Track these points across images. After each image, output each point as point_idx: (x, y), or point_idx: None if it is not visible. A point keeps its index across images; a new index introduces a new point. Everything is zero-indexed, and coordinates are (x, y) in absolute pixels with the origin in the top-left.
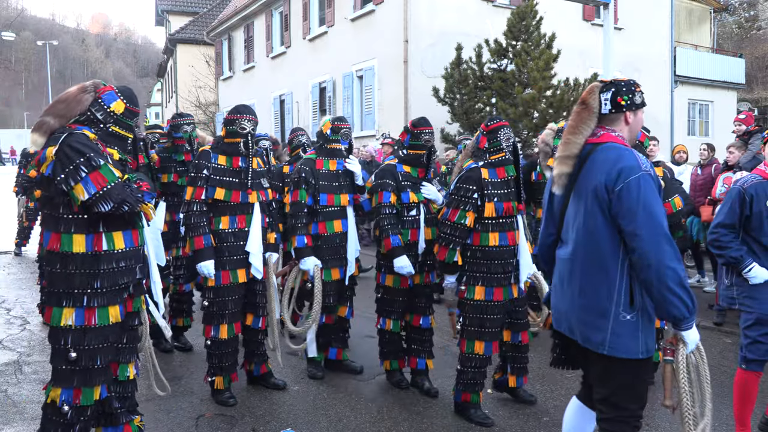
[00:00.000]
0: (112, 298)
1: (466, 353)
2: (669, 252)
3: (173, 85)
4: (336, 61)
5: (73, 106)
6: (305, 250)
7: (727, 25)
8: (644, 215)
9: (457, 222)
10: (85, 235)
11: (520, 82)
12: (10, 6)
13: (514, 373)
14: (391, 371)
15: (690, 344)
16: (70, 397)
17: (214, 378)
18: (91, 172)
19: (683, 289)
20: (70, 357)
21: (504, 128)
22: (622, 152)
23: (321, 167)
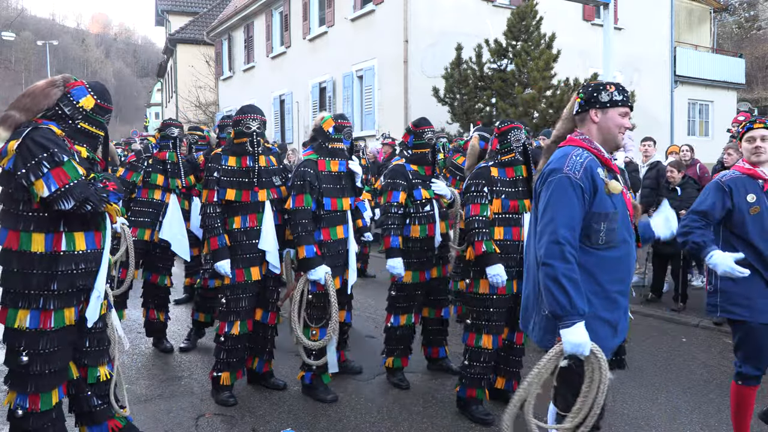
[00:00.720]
0: (68, 300)
1: (474, 347)
2: (552, 250)
3: (173, 85)
4: (336, 61)
5: (40, 100)
6: (315, 259)
7: (727, 25)
8: (545, 216)
9: (481, 214)
10: (45, 234)
11: (520, 82)
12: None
13: (503, 374)
14: (393, 369)
15: (565, 344)
16: (25, 401)
17: (220, 374)
18: (54, 168)
19: (557, 285)
20: (21, 361)
21: (515, 130)
22: (559, 154)
23: (323, 168)
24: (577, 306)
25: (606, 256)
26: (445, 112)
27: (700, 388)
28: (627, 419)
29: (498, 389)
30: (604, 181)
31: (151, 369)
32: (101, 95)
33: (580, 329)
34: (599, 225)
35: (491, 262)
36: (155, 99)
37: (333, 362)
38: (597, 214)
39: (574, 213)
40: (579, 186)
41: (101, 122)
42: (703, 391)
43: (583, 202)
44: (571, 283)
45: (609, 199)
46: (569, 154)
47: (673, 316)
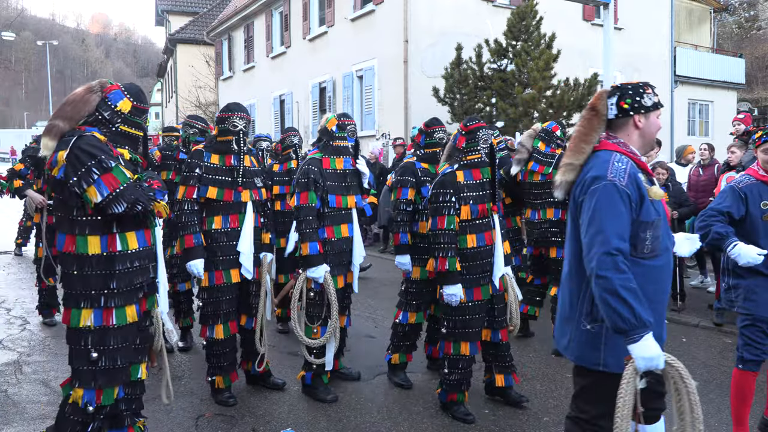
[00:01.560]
0: (128, 297)
1: (453, 355)
2: (605, 262)
3: (173, 85)
4: (336, 61)
5: (81, 107)
6: (317, 257)
7: (727, 25)
8: (592, 226)
9: (447, 228)
10: (100, 237)
11: (520, 82)
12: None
13: (500, 372)
14: (397, 367)
15: (637, 361)
16: (93, 397)
17: (214, 378)
18: (103, 174)
19: (617, 299)
20: (92, 357)
21: (483, 129)
22: (598, 161)
23: (328, 167)
24: (642, 317)
25: (651, 266)
26: (445, 112)
27: (700, 388)
28: None
29: (499, 387)
30: (647, 187)
31: (151, 369)
32: (137, 97)
33: (649, 341)
34: (645, 233)
35: (451, 281)
36: (155, 99)
37: (329, 360)
38: (644, 223)
39: (624, 222)
40: (626, 193)
41: (139, 123)
42: (703, 391)
43: (631, 210)
44: (631, 294)
45: (652, 206)
46: (610, 160)
47: (672, 316)
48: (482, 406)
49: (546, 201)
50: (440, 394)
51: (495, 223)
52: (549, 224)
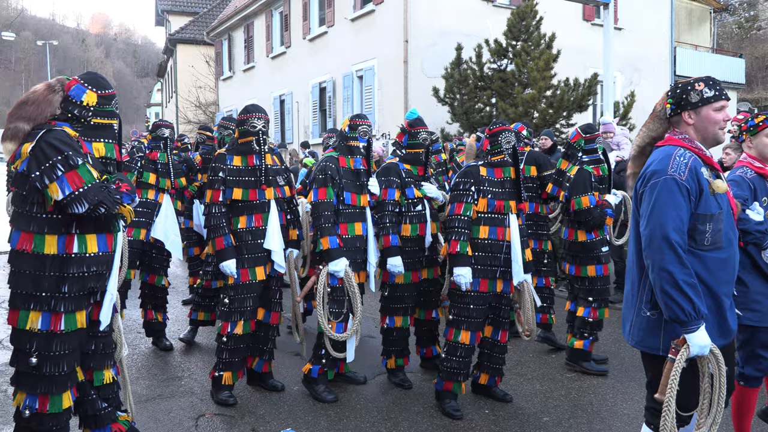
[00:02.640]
0: (79, 303)
1: (452, 342)
2: (668, 256)
3: (173, 85)
4: (336, 61)
5: (44, 108)
6: (338, 250)
7: (727, 25)
8: (651, 219)
9: (463, 214)
10: (57, 236)
11: (520, 82)
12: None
13: (487, 371)
14: (395, 370)
15: (693, 347)
16: (34, 402)
17: (222, 373)
18: (68, 171)
19: (679, 292)
20: (31, 362)
21: (505, 132)
22: (660, 155)
23: (344, 165)
24: (701, 310)
25: (712, 258)
26: (445, 112)
27: None
28: (627, 419)
29: (482, 385)
30: (708, 181)
31: (151, 369)
32: (98, 85)
33: (703, 332)
34: (705, 226)
35: (460, 263)
36: (155, 99)
37: (350, 352)
38: (702, 216)
39: (683, 215)
40: (685, 187)
41: (111, 111)
42: None
43: (689, 203)
44: (692, 289)
45: (714, 199)
46: (672, 155)
47: None
48: (482, 406)
49: None
50: (437, 382)
51: (511, 223)
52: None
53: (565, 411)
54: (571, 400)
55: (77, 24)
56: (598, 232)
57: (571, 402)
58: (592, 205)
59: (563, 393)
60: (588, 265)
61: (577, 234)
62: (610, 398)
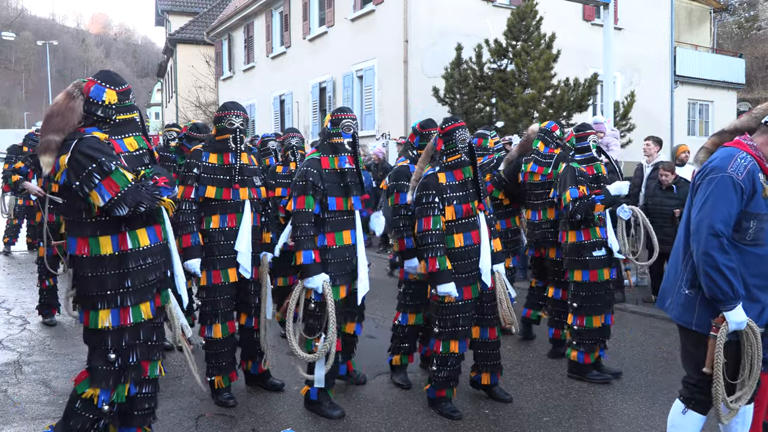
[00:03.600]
0: (143, 295)
1: (442, 354)
2: (712, 242)
3: (173, 85)
4: (336, 61)
5: (69, 117)
6: (313, 266)
7: (727, 25)
8: (704, 209)
9: (433, 228)
10: (110, 236)
11: (520, 82)
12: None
13: (486, 370)
14: (398, 367)
15: (731, 324)
16: (107, 395)
17: (213, 378)
18: (104, 178)
19: (719, 274)
20: (110, 358)
21: (459, 129)
22: (723, 154)
23: (327, 166)
24: (738, 291)
25: (751, 252)
26: (445, 112)
27: None
28: (627, 419)
29: (484, 385)
30: (763, 186)
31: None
32: (114, 82)
33: (740, 309)
34: (749, 223)
35: (443, 281)
36: (155, 99)
37: (320, 377)
38: (750, 214)
39: (732, 210)
40: (740, 186)
41: (131, 105)
42: None
43: (741, 201)
44: (731, 272)
45: (764, 201)
46: (734, 156)
47: None
48: (482, 406)
49: (546, 201)
50: (429, 390)
51: (481, 222)
52: (549, 224)
53: (565, 411)
54: (571, 400)
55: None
56: (589, 234)
57: (571, 402)
58: (573, 197)
59: (563, 393)
60: (575, 269)
61: (568, 235)
62: (610, 398)
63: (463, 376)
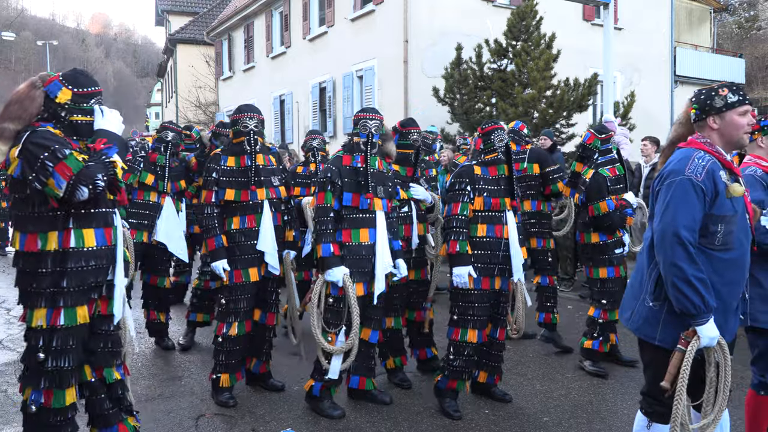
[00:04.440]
0: (79, 297)
1: (459, 341)
2: (678, 252)
3: (173, 85)
4: (336, 61)
5: (27, 105)
6: (332, 259)
7: (727, 25)
8: (665, 216)
9: (461, 213)
10: (57, 233)
11: (520, 82)
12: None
13: (486, 369)
14: (394, 369)
15: (703, 339)
16: (39, 397)
17: (219, 375)
18: (57, 164)
19: (689, 287)
20: (38, 358)
21: (498, 131)
22: (679, 156)
23: (348, 163)
24: (710, 304)
25: (721, 258)
26: (445, 112)
27: None
28: (627, 419)
29: (480, 383)
30: (725, 184)
31: (151, 369)
32: (75, 82)
33: (712, 324)
34: (716, 227)
35: (461, 263)
36: (155, 99)
37: (334, 369)
38: (716, 216)
39: (695, 214)
40: (701, 188)
41: (90, 108)
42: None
43: (704, 204)
44: (702, 284)
45: (729, 201)
46: (691, 157)
47: None
48: (482, 406)
49: (523, 194)
50: (440, 380)
51: (509, 220)
52: (527, 216)
53: (565, 411)
54: (571, 400)
55: (77, 24)
56: (611, 234)
57: (571, 402)
58: (611, 209)
59: (563, 393)
60: (600, 267)
61: (589, 236)
62: (610, 398)
63: None
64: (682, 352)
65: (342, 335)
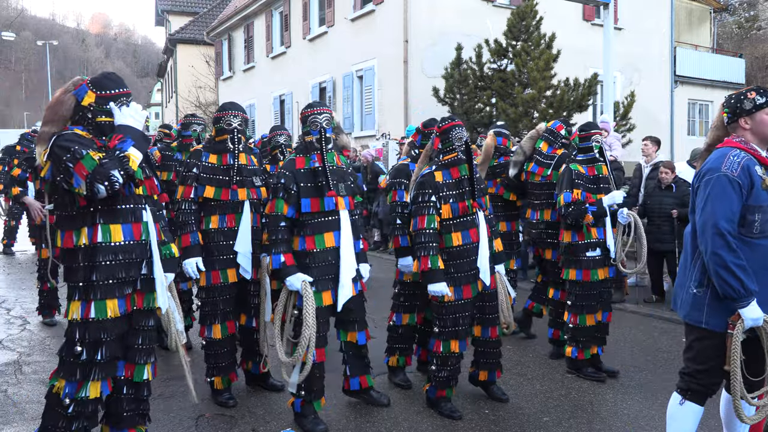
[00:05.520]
0: (109, 291)
1: (443, 354)
2: (718, 241)
3: (173, 85)
4: (336, 61)
5: (57, 109)
6: (285, 269)
7: (727, 25)
8: (705, 210)
9: (428, 227)
10: (87, 228)
11: (520, 82)
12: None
13: (485, 368)
14: (396, 369)
15: (747, 320)
16: (73, 389)
17: (213, 378)
18: (75, 164)
19: (729, 273)
20: (75, 350)
21: (456, 128)
22: (716, 155)
23: (302, 166)
24: (750, 288)
25: (761, 244)
26: (445, 112)
27: None
28: (627, 419)
29: (482, 381)
30: (761, 178)
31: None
32: (100, 85)
33: (755, 306)
34: (754, 216)
35: (435, 279)
36: (155, 99)
37: (293, 383)
38: (752, 207)
39: (733, 206)
40: (737, 183)
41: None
42: None
43: (741, 196)
44: (741, 270)
45: (765, 193)
46: (727, 155)
47: (673, 315)
48: (482, 406)
49: (544, 202)
50: (429, 390)
51: (480, 220)
52: (545, 225)
53: (565, 411)
54: (571, 400)
55: (77, 24)
56: (583, 235)
57: (571, 402)
58: (566, 202)
59: (563, 393)
60: (569, 268)
61: (564, 235)
62: (610, 398)
63: (462, 375)
64: (731, 336)
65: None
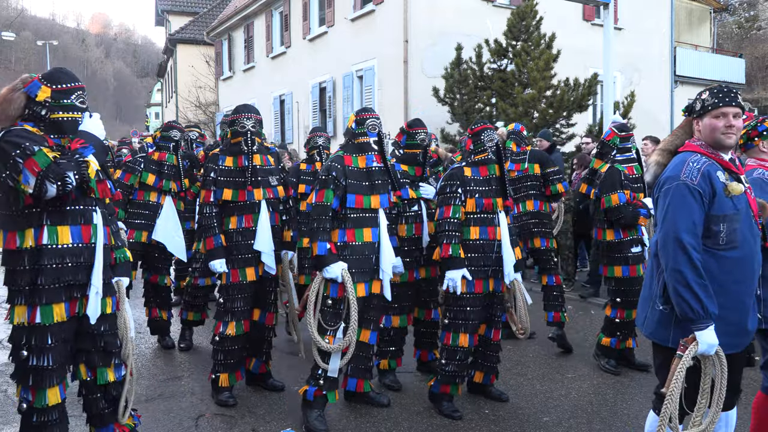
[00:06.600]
0: (55, 295)
1: (451, 346)
2: (680, 257)
3: (173, 85)
4: (336, 61)
5: (5, 108)
6: (329, 256)
7: (727, 25)
8: (666, 222)
9: (452, 216)
10: (33, 229)
11: (520, 82)
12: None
13: (481, 369)
14: (386, 371)
15: (701, 344)
16: (28, 395)
17: (218, 375)
18: (26, 160)
19: (689, 291)
20: (21, 356)
21: (487, 131)
22: (676, 161)
23: (350, 164)
24: (710, 310)
25: (728, 257)
26: (445, 112)
27: None
28: (627, 419)
29: (476, 383)
30: (724, 184)
31: (151, 369)
32: (54, 79)
33: (712, 331)
34: (719, 226)
35: (454, 266)
36: (155, 99)
37: (333, 368)
38: (716, 217)
39: (695, 217)
40: (697, 191)
41: (71, 104)
42: None
43: (703, 206)
44: (702, 290)
45: (729, 200)
46: (686, 161)
47: None
48: (482, 406)
49: (524, 194)
50: (433, 385)
51: (501, 221)
52: (529, 216)
53: (565, 411)
54: (571, 400)
55: (77, 24)
56: (627, 233)
57: (571, 402)
58: (622, 203)
59: (563, 393)
60: (614, 265)
61: (605, 233)
62: (610, 398)
63: None
64: (680, 358)
65: (340, 332)
